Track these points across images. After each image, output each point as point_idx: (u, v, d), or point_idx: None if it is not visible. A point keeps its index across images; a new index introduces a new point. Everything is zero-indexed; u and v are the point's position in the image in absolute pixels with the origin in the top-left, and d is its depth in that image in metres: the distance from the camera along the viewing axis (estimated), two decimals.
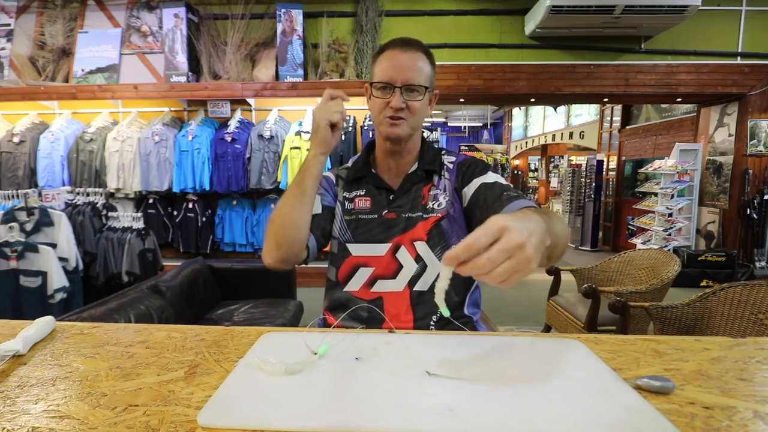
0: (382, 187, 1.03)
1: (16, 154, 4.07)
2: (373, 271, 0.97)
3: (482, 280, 0.53)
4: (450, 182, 1.02)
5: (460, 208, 1.00)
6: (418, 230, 0.97)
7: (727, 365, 0.57)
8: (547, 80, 4.28)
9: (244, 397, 0.48)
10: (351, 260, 0.99)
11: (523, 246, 0.52)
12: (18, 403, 0.48)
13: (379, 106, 0.97)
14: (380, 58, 0.99)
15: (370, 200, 1.03)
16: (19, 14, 4.42)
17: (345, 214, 1.03)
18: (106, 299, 1.67)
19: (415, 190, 1.02)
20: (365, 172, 1.06)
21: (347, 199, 1.04)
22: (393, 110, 0.94)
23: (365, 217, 1.01)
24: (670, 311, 1.57)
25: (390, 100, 0.95)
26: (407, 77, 0.94)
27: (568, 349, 0.61)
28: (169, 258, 4.04)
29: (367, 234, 1.00)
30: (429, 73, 0.98)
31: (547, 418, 0.44)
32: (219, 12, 4.27)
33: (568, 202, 7.18)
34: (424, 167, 1.03)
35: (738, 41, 4.27)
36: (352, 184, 1.05)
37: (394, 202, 1.01)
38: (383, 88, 0.95)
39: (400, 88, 0.94)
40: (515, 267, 0.52)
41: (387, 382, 0.52)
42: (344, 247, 1.01)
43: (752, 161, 4.43)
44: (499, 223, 0.53)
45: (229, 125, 4.02)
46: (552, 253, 0.69)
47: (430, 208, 0.99)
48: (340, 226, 1.03)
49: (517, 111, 12.50)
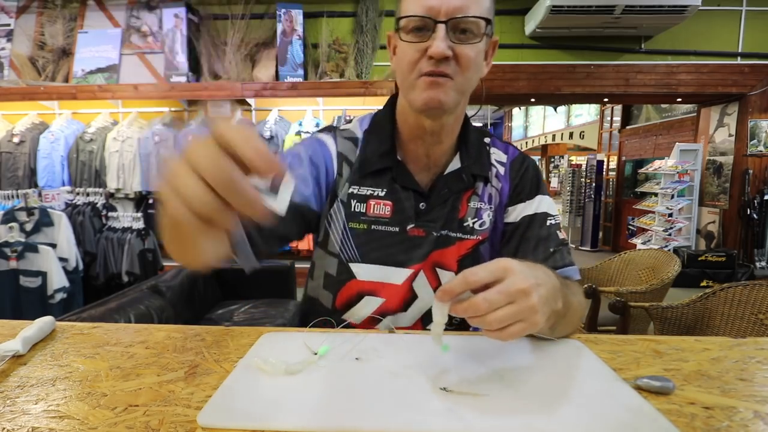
0: (410, 188, 0.72)
1: (16, 154, 4.07)
2: (382, 303, 0.72)
3: (478, 325, 0.46)
4: (499, 193, 0.75)
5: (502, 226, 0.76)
6: (448, 256, 0.72)
7: (727, 365, 0.57)
8: (547, 80, 4.28)
9: (244, 397, 0.48)
10: (354, 285, 0.73)
11: (528, 293, 0.45)
12: (18, 403, 0.48)
13: (410, 57, 0.63)
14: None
15: (392, 206, 0.72)
16: (19, 14, 4.41)
17: (350, 219, 0.72)
18: (106, 299, 1.68)
19: (454, 200, 0.73)
20: (390, 161, 0.72)
21: (356, 198, 0.72)
22: (433, 62, 0.61)
23: (381, 229, 0.72)
24: (670, 311, 1.57)
25: (428, 44, 0.61)
26: (456, 5, 0.60)
27: (568, 349, 0.61)
28: (169, 258, 4.04)
29: (381, 252, 0.72)
30: (489, 4, 0.64)
31: (547, 418, 0.44)
32: (219, 12, 4.27)
33: (569, 202, 7.18)
34: (471, 170, 0.73)
35: (738, 41, 4.27)
36: (367, 178, 0.73)
37: (425, 214, 0.72)
38: (417, 28, 0.62)
39: (444, 23, 0.60)
40: (516, 314, 0.45)
41: (387, 382, 0.52)
42: (347, 269, 0.73)
43: (752, 161, 4.43)
44: (502, 263, 0.46)
45: None
46: (557, 322, 0.56)
47: (468, 227, 0.73)
48: (342, 236, 0.73)
49: (517, 111, 12.50)
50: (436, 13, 0.60)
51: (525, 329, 0.46)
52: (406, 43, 0.63)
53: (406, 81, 0.66)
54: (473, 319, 0.46)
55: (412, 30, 0.62)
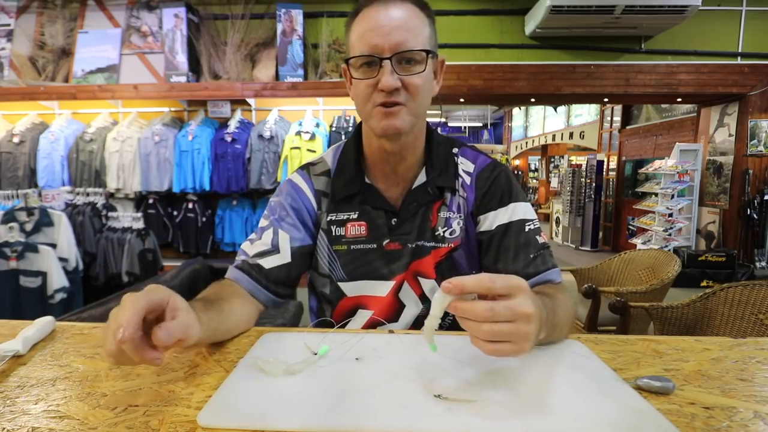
0: (380, 207, 0.79)
1: (16, 154, 4.07)
2: (372, 314, 0.79)
3: (469, 330, 0.47)
4: (466, 202, 0.79)
5: (475, 234, 0.80)
6: (425, 264, 0.78)
7: (727, 365, 0.57)
8: (547, 80, 4.28)
9: (244, 397, 0.48)
10: (347, 302, 0.80)
11: (530, 319, 0.46)
12: (18, 403, 0.48)
13: (363, 91, 0.69)
14: (355, 22, 0.71)
15: (366, 225, 0.79)
16: (19, 14, 4.41)
17: (333, 243, 0.79)
18: (106, 299, 1.67)
19: (423, 212, 0.78)
20: (358, 186, 0.79)
21: (335, 223, 0.80)
22: (384, 94, 0.67)
23: (361, 247, 0.78)
24: (671, 311, 1.57)
25: (378, 78, 0.67)
26: (397, 41, 0.66)
27: (568, 349, 0.61)
28: (169, 258, 4.04)
29: (365, 269, 0.78)
30: (428, 33, 0.70)
31: (547, 418, 0.44)
32: (219, 12, 4.27)
33: (569, 203, 7.18)
34: (436, 182, 0.78)
35: (738, 41, 4.27)
36: (341, 204, 0.80)
37: (398, 229, 0.78)
38: (366, 64, 0.68)
39: (389, 59, 0.66)
40: (510, 335, 0.46)
41: (387, 382, 0.52)
42: (336, 287, 0.80)
43: (752, 161, 4.43)
44: (518, 281, 0.47)
45: (229, 125, 4.02)
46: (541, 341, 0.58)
47: (440, 235, 0.78)
48: (329, 259, 0.80)
49: (517, 111, 12.50)
50: (381, 50, 0.66)
51: (512, 351, 0.46)
52: (359, 80, 0.70)
53: (363, 111, 0.72)
54: (467, 322, 0.47)
55: (361, 66, 0.69)
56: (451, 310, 0.47)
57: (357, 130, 0.83)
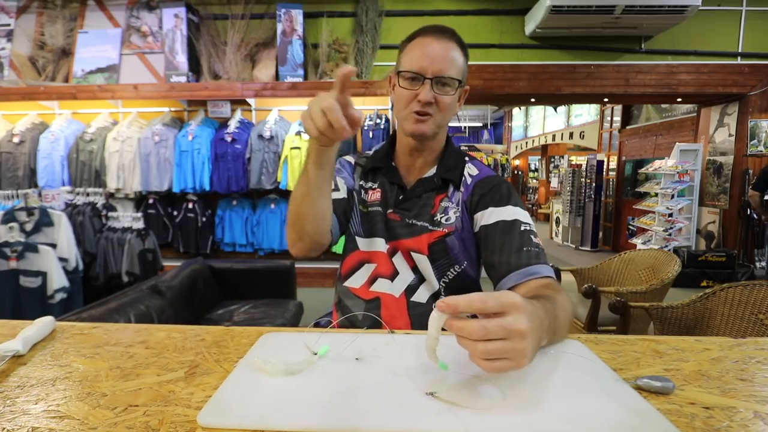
0: (395, 183, 0.98)
1: (16, 154, 4.07)
2: (375, 268, 0.94)
3: (465, 348, 0.48)
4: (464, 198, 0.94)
5: (470, 229, 0.93)
6: (420, 242, 0.92)
7: (727, 365, 0.57)
8: (547, 80, 4.28)
9: (244, 397, 0.48)
10: (358, 255, 0.97)
11: (524, 336, 0.47)
12: (18, 403, 0.48)
13: (405, 98, 0.88)
14: (410, 46, 0.90)
15: (380, 193, 0.98)
16: (19, 14, 4.42)
17: (360, 204, 0.99)
18: (106, 299, 1.68)
19: (427, 197, 0.95)
20: (384, 163, 1.00)
21: (363, 189, 1.00)
22: (420, 104, 0.86)
23: (373, 210, 0.97)
24: (671, 311, 1.57)
25: (418, 92, 0.86)
26: (439, 68, 0.85)
27: (568, 349, 0.61)
28: (169, 258, 4.04)
29: (372, 227, 0.96)
30: (462, 66, 0.90)
31: (547, 418, 0.44)
32: (219, 12, 4.27)
33: (569, 203, 7.18)
34: (442, 174, 0.95)
35: (738, 41, 4.27)
36: (368, 174, 1.01)
37: (402, 203, 0.96)
38: (412, 78, 0.87)
39: (431, 79, 0.85)
40: (506, 352, 0.46)
41: (387, 382, 0.52)
42: (353, 239, 0.98)
43: (752, 161, 4.43)
44: (511, 298, 0.48)
45: (229, 125, 4.02)
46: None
47: (437, 220, 0.93)
48: (354, 216, 0.99)
49: (517, 111, 12.50)
50: (425, 71, 0.86)
51: (509, 368, 0.47)
52: (403, 89, 0.88)
53: (401, 114, 0.91)
54: (463, 340, 0.48)
55: (408, 79, 0.88)
56: (447, 328, 0.48)
57: (394, 132, 1.03)
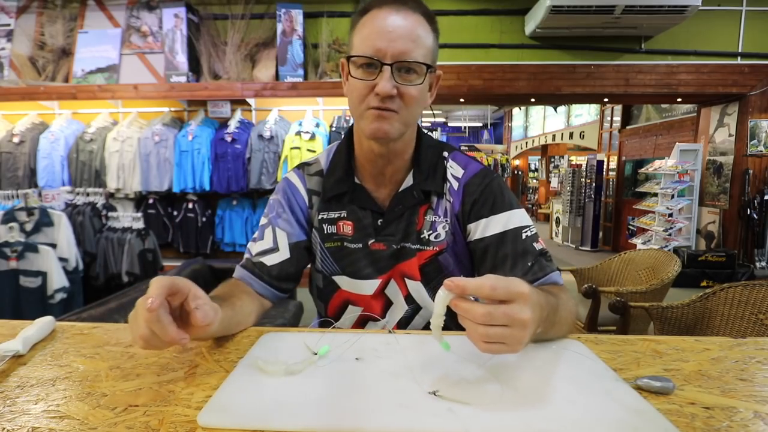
0: (367, 207, 0.80)
1: (16, 154, 4.07)
2: (361, 311, 0.82)
3: (467, 328, 0.49)
4: (452, 207, 0.79)
5: (463, 240, 0.80)
6: (410, 266, 0.79)
7: (727, 365, 0.57)
8: (547, 80, 4.28)
9: (244, 397, 0.48)
10: (341, 294, 0.83)
11: (525, 326, 0.47)
12: (18, 403, 0.48)
13: (359, 91, 0.69)
14: (362, 21, 0.70)
15: (352, 225, 0.80)
16: (19, 14, 4.41)
17: (326, 240, 0.81)
18: (106, 299, 1.67)
19: (409, 214, 0.79)
20: (347, 185, 0.80)
21: (327, 222, 0.81)
22: (379, 98, 0.67)
23: (349, 246, 0.80)
24: (671, 311, 1.57)
25: (376, 82, 0.67)
26: (401, 50, 0.66)
27: (568, 349, 0.61)
28: (169, 258, 4.04)
29: (352, 267, 0.80)
30: (431, 46, 0.70)
31: (547, 418, 0.44)
32: (219, 12, 4.27)
33: (568, 202, 7.18)
34: (422, 186, 0.78)
35: (738, 41, 4.27)
36: (331, 203, 0.81)
37: (383, 230, 0.79)
38: (366, 65, 0.68)
39: (390, 65, 0.66)
40: (504, 338, 0.47)
41: (387, 382, 0.52)
42: (331, 281, 0.83)
43: (752, 161, 4.44)
44: (521, 287, 0.48)
45: (229, 125, 4.02)
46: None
47: (425, 238, 0.78)
48: (322, 255, 0.82)
49: (517, 111, 12.50)
50: (383, 55, 0.66)
51: (503, 351, 0.48)
52: (357, 80, 0.69)
53: (356, 110, 0.72)
54: (465, 321, 0.49)
55: (361, 66, 0.69)
56: (452, 307, 0.49)
57: (349, 131, 0.84)
